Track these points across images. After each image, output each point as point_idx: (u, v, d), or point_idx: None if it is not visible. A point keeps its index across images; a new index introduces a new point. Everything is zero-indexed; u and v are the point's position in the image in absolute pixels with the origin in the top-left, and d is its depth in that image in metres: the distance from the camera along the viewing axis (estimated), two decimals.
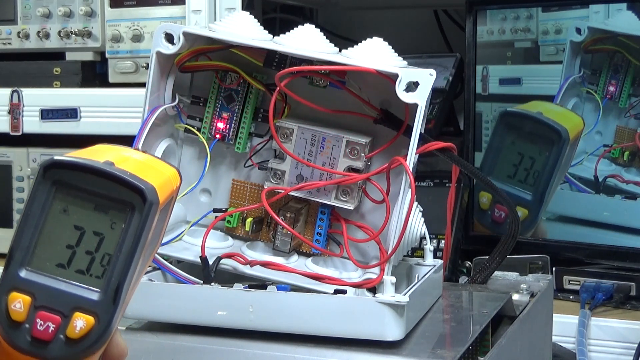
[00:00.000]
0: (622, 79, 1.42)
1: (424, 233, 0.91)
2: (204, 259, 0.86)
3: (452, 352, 0.76)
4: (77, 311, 0.50)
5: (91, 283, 0.50)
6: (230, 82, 0.91)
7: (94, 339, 0.50)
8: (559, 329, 1.25)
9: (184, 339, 0.81)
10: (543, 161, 1.43)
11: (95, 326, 0.50)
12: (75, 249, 0.51)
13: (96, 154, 0.52)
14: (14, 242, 0.50)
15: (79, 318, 0.50)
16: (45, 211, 0.50)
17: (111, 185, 0.50)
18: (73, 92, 1.62)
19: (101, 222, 0.51)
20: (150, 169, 0.53)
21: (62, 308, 0.50)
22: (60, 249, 0.51)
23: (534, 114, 1.44)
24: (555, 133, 1.41)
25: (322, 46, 0.86)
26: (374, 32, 0.89)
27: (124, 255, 0.50)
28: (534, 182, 1.44)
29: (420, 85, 0.82)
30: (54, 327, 0.50)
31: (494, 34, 1.53)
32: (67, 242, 0.51)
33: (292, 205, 0.90)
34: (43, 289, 0.50)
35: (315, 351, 0.78)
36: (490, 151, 1.49)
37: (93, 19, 1.62)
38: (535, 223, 1.45)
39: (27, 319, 0.50)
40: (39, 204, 0.50)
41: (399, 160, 0.83)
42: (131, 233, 0.50)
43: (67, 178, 0.50)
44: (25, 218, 0.50)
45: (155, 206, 0.50)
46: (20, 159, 1.70)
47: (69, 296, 0.50)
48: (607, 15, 1.42)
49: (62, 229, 0.51)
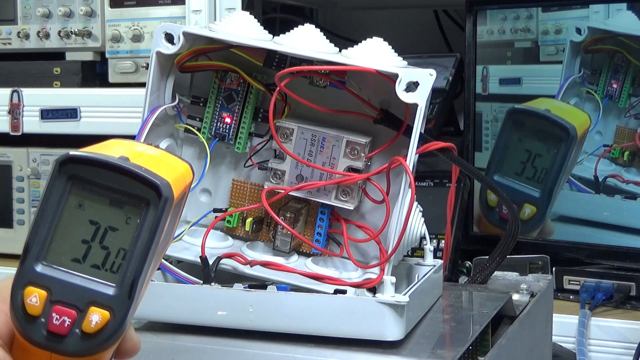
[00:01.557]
0: (622, 79, 1.42)
1: (424, 233, 0.91)
2: (204, 259, 0.86)
3: (452, 352, 0.76)
4: (92, 306, 0.50)
5: (106, 278, 0.51)
6: (230, 82, 0.91)
7: (110, 333, 0.50)
8: (559, 329, 1.25)
9: (184, 339, 0.81)
10: (551, 158, 1.43)
11: (111, 321, 0.50)
12: (91, 244, 0.51)
13: (111, 149, 0.52)
14: (30, 236, 0.51)
15: (94, 312, 0.50)
16: (60, 206, 0.51)
17: (127, 180, 0.50)
18: (73, 92, 1.61)
19: (116, 217, 0.51)
20: (164, 164, 0.53)
21: (77, 302, 0.50)
22: (75, 244, 0.51)
23: (541, 111, 1.44)
24: (563, 130, 1.41)
25: (322, 46, 0.86)
26: (374, 32, 0.89)
27: (139, 250, 0.50)
28: (541, 180, 1.44)
29: (420, 85, 0.82)
30: (70, 321, 0.50)
31: (494, 34, 1.53)
32: (82, 237, 0.51)
33: (292, 205, 0.90)
34: (59, 283, 0.50)
35: (315, 351, 0.78)
36: (497, 148, 1.49)
37: (93, 19, 1.62)
38: (543, 220, 1.45)
39: (43, 313, 0.50)
40: (55, 198, 0.51)
41: (399, 160, 0.83)
42: (146, 228, 0.50)
43: (82, 173, 0.51)
44: (41, 213, 0.51)
45: (170, 201, 0.50)
46: (20, 159, 1.70)
47: (84, 291, 0.50)
48: (607, 15, 1.42)
49: (77, 223, 0.51)
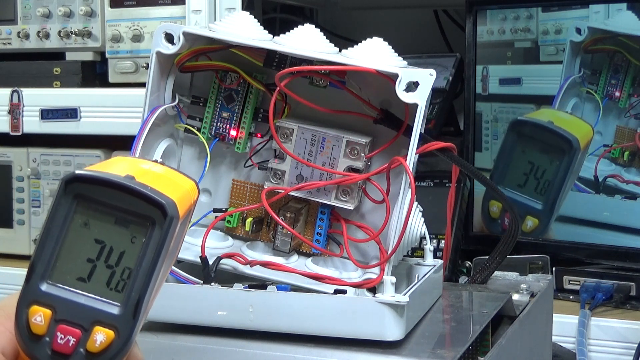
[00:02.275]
0: (622, 79, 1.42)
1: (424, 233, 0.90)
2: (204, 259, 0.86)
3: (452, 352, 0.76)
4: (97, 325, 0.50)
5: (111, 297, 0.51)
6: (230, 82, 0.91)
7: (114, 352, 0.50)
8: (559, 329, 1.25)
9: (184, 339, 0.81)
10: (554, 170, 1.42)
11: (115, 340, 0.50)
12: (96, 263, 0.51)
13: (116, 167, 0.52)
14: (35, 255, 0.51)
15: (99, 332, 0.50)
16: (66, 225, 0.51)
17: (132, 199, 0.50)
18: (73, 92, 1.61)
19: (122, 236, 0.51)
20: (169, 182, 0.53)
21: (82, 322, 0.50)
22: (80, 263, 0.51)
23: (544, 123, 1.44)
24: (566, 143, 1.41)
25: (322, 46, 0.86)
26: (374, 32, 0.89)
27: (144, 269, 0.50)
28: (544, 192, 1.43)
29: (420, 85, 0.82)
30: (75, 340, 0.50)
31: (494, 34, 1.53)
32: (87, 256, 0.51)
33: (292, 205, 0.90)
34: (63, 302, 0.50)
35: (315, 351, 0.78)
36: (500, 160, 1.49)
37: (93, 19, 1.62)
38: (545, 232, 1.46)
39: (47, 332, 0.50)
40: (60, 217, 0.51)
41: (399, 160, 0.83)
42: (151, 248, 0.50)
43: (88, 192, 0.51)
44: (47, 232, 0.51)
45: (175, 220, 0.50)
46: (20, 159, 1.70)
47: (89, 310, 0.50)
48: (607, 15, 1.42)
49: (82, 242, 0.51)
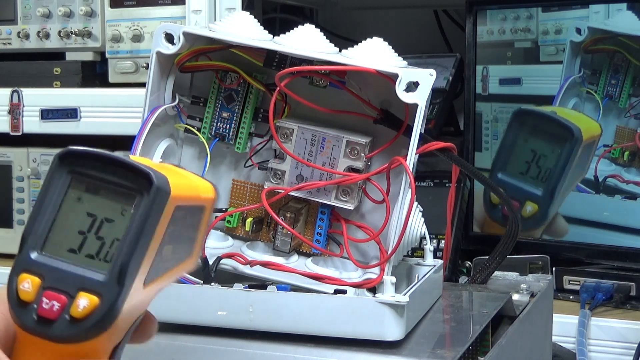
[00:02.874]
0: (622, 79, 1.42)
1: (424, 233, 0.90)
2: (204, 259, 0.86)
3: (452, 352, 0.76)
4: (82, 291, 0.50)
5: (99, 266, 0.51)
6: (230, 82, 0.91)
7: (97, 318, 0.50)
8: (559, 329, 1.25)
9: (184, 339, 0.81)
10: (555, 159, 1.43)
11: (99, 306, 0.50)
12: (87, 235, 0.52)
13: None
14: (27, 227, 0.51)
15: (82, 297, 0.50)
16: (59, 199, 0.52)
17: (123, 172, 0.51)
18: (73, 92, 1.61)
19: (113, 209, 0.52)
20: (175, 173, 0.53)
21: (68, 288, 0.51)
22: (72, 235, 0.52)
23: (548, 112, 1.45)
24: (568, 131, 1.42)
25: (322, 46, 0.86)
26: (374, 32, 0.89)
27: (130, 237, 0.50)
28: (545, 179, 1.44)
29: (420, 85, 0.82)
30: (59, 305, 0.50)
31: (494, 34, 1.53)
32: (79, 228, 0.52)
33: (292, 205, 0.90)
34: (52, 270, 0.51)
35: (315, 351, 0.78)
36: (503, 148, 1.50)
37: (93, 19, 1.62)
38: (545, 219, 1.45)
39: (34, 299, 0.50)
40: (54, 191, 0.51)
41: (399, 160, 0.83)
42: (138, 217, 0.50)
43: (82, 167, 0.51)
44: (39, 205, 0.51)
45: (163, 193, 0.50)
46: (20, 159, 1.70)
47: (75, 277, 0.51)
48: (607, 15, 1.42)
49: (75, 215, 0.52)
